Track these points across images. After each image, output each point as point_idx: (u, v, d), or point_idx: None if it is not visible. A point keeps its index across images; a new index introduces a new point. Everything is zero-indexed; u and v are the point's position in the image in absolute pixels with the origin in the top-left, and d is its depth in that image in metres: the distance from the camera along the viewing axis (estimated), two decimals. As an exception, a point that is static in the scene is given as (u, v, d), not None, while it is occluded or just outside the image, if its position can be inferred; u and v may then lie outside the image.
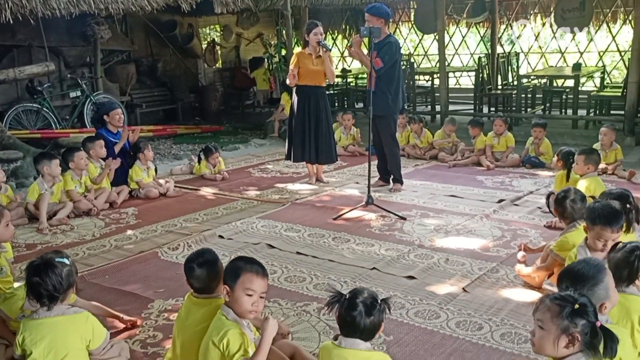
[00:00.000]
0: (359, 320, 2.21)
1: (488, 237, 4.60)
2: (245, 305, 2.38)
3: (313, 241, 4.60)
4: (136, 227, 5.09)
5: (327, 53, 6.02)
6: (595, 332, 1.93)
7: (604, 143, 6.56)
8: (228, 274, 2.44)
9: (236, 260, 2.53)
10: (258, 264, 2.50)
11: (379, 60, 5.71)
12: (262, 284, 2.44)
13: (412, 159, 7.72)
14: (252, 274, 2.41)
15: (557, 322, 1.96)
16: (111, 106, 6.49)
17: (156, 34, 11.27)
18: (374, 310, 2.23)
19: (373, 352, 2.29)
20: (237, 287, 2.38)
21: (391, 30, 13.09)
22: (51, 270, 2.46)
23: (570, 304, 1.97)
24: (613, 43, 11.21)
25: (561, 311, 1.96)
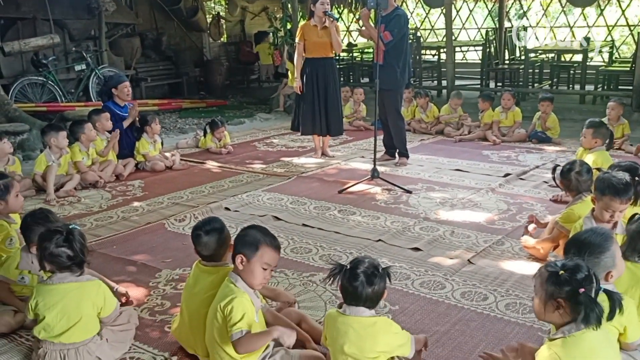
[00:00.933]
0: (361, 290, 2.22)
1: (493, 210, 4.61)
2: (259, 277, 2.40)
3: (319, 214, 4.62)
4: (143, 199, 5.12)
5: (334, 23, 5.96)
6: (577, 298, 1.91)
7: (611, 118, 6.51)
8: (245, 243, 2.40)
9: (252, 229, 2.48)
10: (274, 237, 2.48)
11: (388, 34, 5.66)
12: (277, 257, 2.46)
13: (418, 133, 7.70)
14: (271, 249, 2.41)
15: (544, 287, 1.98)
16: (119, 79, 6.47)
17: (161, 7, 11.18)
18: (375, 279, 2.24)
19: (377, 317, 2.31)
20: (255, 259, 2.38)
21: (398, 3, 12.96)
22: (74, 238, 2.50)
23: (558, 269, 1.97)
24: (622, 18, 11.06)
25: (549, 277, 1.98)
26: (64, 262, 2.48)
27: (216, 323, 2.35)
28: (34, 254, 2.92)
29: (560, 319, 1.99)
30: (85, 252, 2.55)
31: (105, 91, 6.50)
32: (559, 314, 1.98)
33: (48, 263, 2.50)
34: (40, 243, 2.50)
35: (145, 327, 2.93)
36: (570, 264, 2.00)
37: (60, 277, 2.50)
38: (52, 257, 2.47)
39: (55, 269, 2.51)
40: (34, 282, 3.00)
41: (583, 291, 1.92)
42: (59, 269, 2.50)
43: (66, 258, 2.48)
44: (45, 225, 2.84)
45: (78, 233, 2.54)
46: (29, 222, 2.96)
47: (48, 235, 2.50)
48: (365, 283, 2.23)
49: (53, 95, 8.48)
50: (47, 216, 2.99)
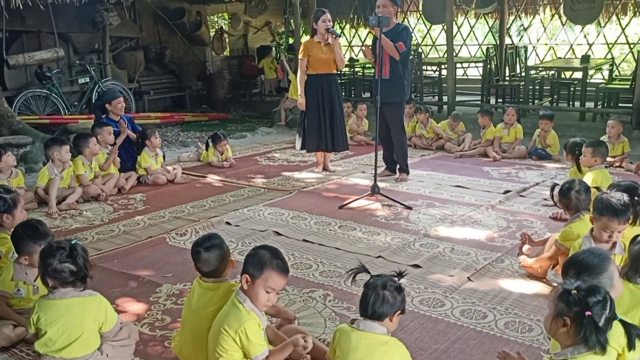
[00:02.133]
0: (382, 303, 2.28)
1: (493, 227, 4.63)
2: (262, 300, 2.41)
3: (319, 229, 4.64)
4: (144, 213, 5.14)
5: (337, 40, 6.02)
6: (582, 321, 1.92)
7: (611, 135, 6.55)
8: (252, 263, 2.40)
9: (263, 249, 2.47)
10: (283, 260, 2.46)
11: (402, 44, 5.74)
12: (283, 282, 2.45)
13: (419, 149, 7.74)
14: (277, 272, 2.40)
15: (555, 303, 2.01)
16: (113, 95, 6.50)
17: (164, 22, 11.28)
18: (396, 297, 2.31)
19: (390, 337, 2.33)
20: (259, 281, 2.38)
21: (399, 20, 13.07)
22: (77, 253, 2.52)
23: (572, 288, 1.99)
24: (622, 35, 11.14)
25: (561, 294, 2.00)
26: (67, 277, 2.50)
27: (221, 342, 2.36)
28: (26, 265, 2.95)
29: (566, 338, 2.00)
30: (88, 267, 2.57)
31: (99, 106, 6.53)
32: (565, 332, 1.99)
33: (51, 279, 2.51)
34: (44, 259, 2.52)
35: (145, 342, 2.94)
36: (586, 286, 2.01)
37: (63, 292, 2.51)
38: (56, 273, 2.49)
39: (57, 285, 2.52)
40: (30, 293, 3.02)
41: (589, 314, 1.93)
42: (62, 284, 2.51)
43: (69, 274, 2.49)
44: (35, 236, 2.88)
45: (81, 248, 2.56)
46: (20, 232, 2.99)
47: (51, 251, 2.51)
48: (389, 298, 2.29)
49: (56, 107, 8.53)
50: (37, 227, 3.01)
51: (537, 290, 3.48)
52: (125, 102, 6.65)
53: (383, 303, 2.28)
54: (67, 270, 2.49)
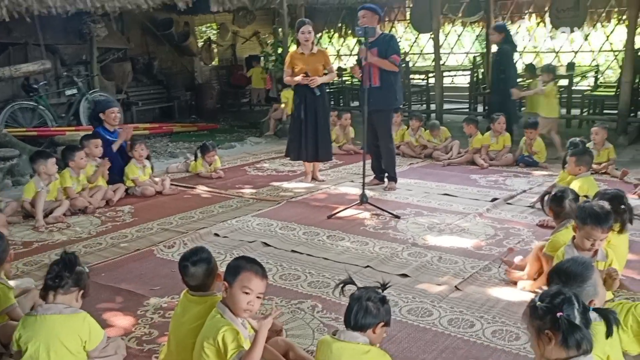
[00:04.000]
0: (364, 314, 2.31)
1: (481, 235, 4.65)
2: (240, 303, 2.42)
3: (308, 239, 4.64)
4: (132, 225, 5.12)
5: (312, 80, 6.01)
6: (558, 324, 1.88)
7: (596, 142, 6.62)
8: (229, 270, 2.48)
9: (239, 258, 2.60)
10: (259, 265, 2.54)
11: (397, 57, 5.83)
12: (261, 284, 2.48)
13: (407, 157, 7.77)
14: (251, 273, 2.45)
15: (532, 324, 1.97)
16: (107, 104, 6.51)
17: (152, 32, 11.28)
18: (379, 308, 2.33)
19: (372, 347, 2.34)
20: (236, 284, 2.43)
21: (387, 29, 13.17)
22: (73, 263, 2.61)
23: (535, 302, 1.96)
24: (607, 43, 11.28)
25: (531, 312, 1.97)
26: (67, 282, 2.53)
27: (204, 356, 2.36)
28: None
29: (560, 352, 1.91)
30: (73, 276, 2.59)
31: (94, 116, 6.56)
32: (556, 347, 1.91)
33: (50, 287, 2.53)
34: (50, 267, 2.59)
35: (132, 357, 2.93)
36: (548, 292, 2.01)
37: (46, 308, 2.50)
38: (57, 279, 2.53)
39: (52, 293, 2.52)
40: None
41: (560, 315, 1.90)
42: (56, 291, 2.51)
43: (70, 279, 2.54)
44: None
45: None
46: None
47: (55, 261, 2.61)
48: (372, 309, 2.32)
49: (43, 119, 8.49)
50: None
51: (523, 298, 3.48)
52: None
53: (366, 314, 2.30)
54: (66, 277, 2.53)
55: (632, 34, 8.00)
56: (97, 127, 6.38)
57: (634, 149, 7.71)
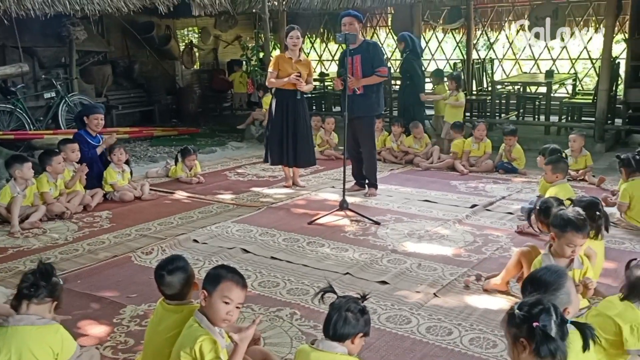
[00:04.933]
0: (343, 324, 2.30)
1: (460, 242, 4.68)
2: (220, 312, 2.40)
3: (288, 246, 4.63)
4: (110, 231, 5.06)
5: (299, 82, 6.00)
6: (533, 333, 1.89)
7: (573, 149, 6.70)
8: (208, 279, 2.46)
9: (219, 267, 2.57)
10: (240, 275, 2.52)
11: (384, 69, 5.90)
12: (241, 294, 2.46)
13: (388, 162, 7.79)
14: (232, 283, 2.43)
15: (509, 331, 1.99)
16: (92, 110, 6.45)
17: (133, 36, 11.19)
18: (359, 319, 2.33)
19: (350, 357, 2.33)
20: (216, 293, 2.40)
21: (369, 35, 13.24)
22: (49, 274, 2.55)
23: (517, 309, 1.98)
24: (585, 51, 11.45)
25: (509, 319, 1.99)
26: (40, 291, 2.48)
27: None
28: None
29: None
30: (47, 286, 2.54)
31: (78, 118, 6.51)
32: (530, 356, 1.91)
33: (23, 297, 2.48)
34: (24, 276, 2.52)
35: (107, 366, 2.89)
36: (527, 301, 2.02)
37: (17, 319, 2.45)
38: (32, 287, 2.47)
39: (25, 303, 2.47)
40: None
41: (537, 325, 1.91)
42: (29, 301, 2.47)
43: (43, 288, 2.48)
44: None
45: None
46: None
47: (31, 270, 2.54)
48: (351, 320, 2.31)
49: (21, 123, 8.36)
50: None
51: (501, 305, 3.52)
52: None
53: (345, 324, 2.30)
54: (42, 286, 2.47)
55: (609, 43, 8.13)
56: (79, 130, 6.32)
57: (611, 156, 7.81)
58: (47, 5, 7.39)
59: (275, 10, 9.99)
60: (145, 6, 8.56)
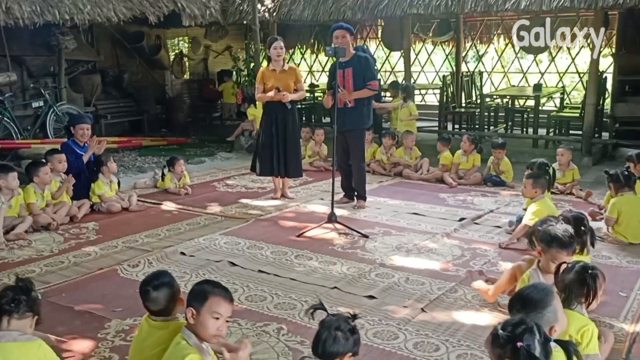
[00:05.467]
0: (332, 342, 2.28)
1: (448, 256, 4.68)
2: (210, 329, 2.39)
3: (275, 259, 4.61)
4: (96, 243, 5.02)
5: (283, 96, 5.99)
6: (518, 353, 1.90)
7: (561, 163, 6.74)
8: (195, 296, 2.43)
9: (203, 283, 2.55)
10: (225, 289, 2.52)
11: (375, 82, 5.89)
12: (229, 308, 2.46)
13: (377, 174, 7.80)
14: (220, 297, 2.42)
15: (493, 351, 2.00)
16: (78, 120, 6.42)
17: (123, 45, 11.16)
18: (349, 338, 2.30)
19: None
20: (204, 310, 2.38)
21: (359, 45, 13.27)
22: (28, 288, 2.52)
23: (500, 330, 1.99)
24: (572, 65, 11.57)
25: (492, 340, 2.00)
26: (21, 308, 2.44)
27: None
28: None
29: None
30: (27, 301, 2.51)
31: (66, 127, 6.49)
32: None
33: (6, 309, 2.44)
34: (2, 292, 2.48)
35: (91, 382, 2.85)
36: (510, 321, 2.04)
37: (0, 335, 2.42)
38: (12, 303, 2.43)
39: (6, 319, 2.43)
40: None
41: (520, 345, 1.92)
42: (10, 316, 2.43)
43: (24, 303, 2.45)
44: None
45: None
46: None
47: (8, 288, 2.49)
48: (340, 339, 2.29)
49: (8, 132, 8.30)
50: None
51: (489, 321, 3.51)
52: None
53: (334, 343, 2.28)
54: (23, 300, 2.44)
55: (596, 57, 8.21)
56: (68, 139, 6.29)
57: (598, 170, 7.86)
58: (36, 14, 7.37)
59: (266, 21, 10.01)
60: (136, 16, 8.55)
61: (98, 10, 8.02)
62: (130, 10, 8.43)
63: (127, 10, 8.40)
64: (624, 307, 3.70)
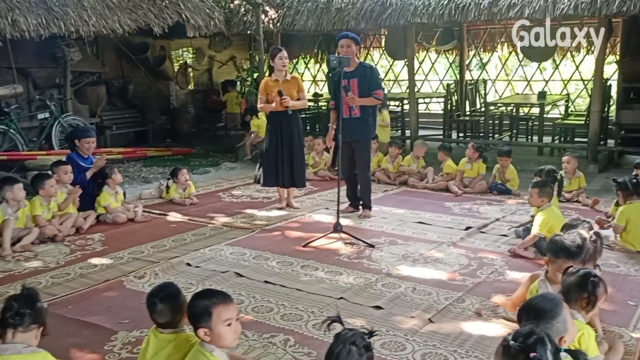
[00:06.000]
0: (346, 357, 2.22)
1: (455, 265, 4.66)
2: (228, 336, 2.42)
3: (281, 269, 4.59)
4: (102, 254, 5.02)
5: (285, 101, 5.99)
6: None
7: (567, 171, 6.72)
8: (199, 316, 2.40)
9: (197, 299, 2.47)
10: (219, 293, 2.52)
11: (380, 92, 5.91)
12: (234, 308, 2.47)
13: (382, 184, 7.78)
14: (221, 305, 2.42)
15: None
16: (84, 133, 6.43)
17: (128, 56, 11.22)
18: (362, 354, 2.25)
19: None
20: (214, 324, 2.38)
21: (362, 56, 13.32)
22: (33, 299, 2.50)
23: (513, 340, 1.96)
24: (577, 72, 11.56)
25: (503, 351, 1.98)
26: (26, 321, 2.43)
27: None
28: None
29: None
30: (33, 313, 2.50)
31: (69, 139, 6.49)
32: None
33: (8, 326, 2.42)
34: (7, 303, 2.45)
35: (97, 395, 2.84)
36: (521, 332, 2.02)
37: (4, 348, 2.40)
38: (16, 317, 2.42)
39: (10, 332, 2.41)
40: None
41: (534, 355, 1.91)
42: (15, 330, 2.41)
43: (29, 317, 2.44)
44: None
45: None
46: None
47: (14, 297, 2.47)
48: (354, 354, 2.22)
49: (14, 143, 8.33)
50: None
51: (497, 331, 3.49)
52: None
53: (347, 357, 2.24)
54: (27, 314, 2.43)
55: (600, 64, 8.21)
56: (71, 152, 6.30)
57: (604, 177, 7.85)
58: (42, 27, 7.41)
59: (270, 31, 10.04)
60: (140, 27, 8.60)
61: (103, 22, 8.06)
62: (135, 22, 8.48)
63: (132, 21, 8.44)
64: (633, 316, 3.67)
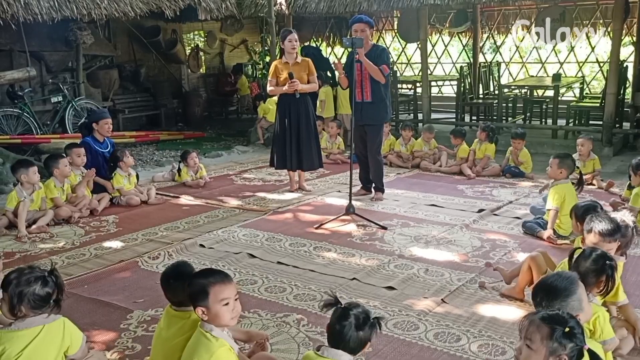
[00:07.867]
0: (347, 331, 2.25)
1: (467, 247, 4.65)
2: (225, 315, 2.39)
3: (294, 250, 4.61)
4: (117, 236, 5.07)
5: (295, 84, 5.97)
6: (581, 355, 1.93)
7: (582, 153, 6.65)
8: (196, 296, 2.39)
9: (195, 279, 2.45)
10: (219, 272, 2.51)
11: (387, 67, 5.81)
12: (232, 288, 2.44)
13: (395, 167, 7.76)
14: (219, 284, 2.40)
15: (547, 344, 1.95)
16: (101, 114, 6.45)
17: (139, 40, 11.23)
18: (364, 326, 2.26)
19: None
20: (211, 303, 2.36)
21: (374, 39, 13.21)
22: (58, 276, 2.50)
23: (561, 325, 1.96)
24: (592, 54, 11.40)
25: (552, 333, 1.95)
26: (42, 303, 2.43)
27: None
28: None
29: None
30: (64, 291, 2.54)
31: (86, 125, 6.51)
32: None
33: (24, 305, 2.42)
34: (16, 284, 2.42)
35: (114, 372, 2.88)
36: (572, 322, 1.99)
37: (28, 322, 2.43)
38: (32, 297, 2.41)
39: (29, 312, 2.44)
40: None
41: (588, 348, 1.95)
42: (33, 310, 2.43)
43: (45, 298, 2.43)
44: None
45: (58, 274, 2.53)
46: None
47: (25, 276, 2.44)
48: (353, 325, 2.25)
49: (28, 127, 8.40)
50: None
51: (509, 311, 3.49)
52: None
53: (349, 331, 2.25)
54: (45, 293, 2.43)
55: (616, 46, 8.09)
56: (86, 137, 6.32)
57: (619, 160, 7.78)
58: (54, 10, 7.41)
59: (282, 14, 10.00)
60: (152, 10, 8.58)
61: (115, 5, 8.05)
62: (146, 5, 8.45)
63: (144, 4, 8.42)
64: (648, 298, 3.65)
